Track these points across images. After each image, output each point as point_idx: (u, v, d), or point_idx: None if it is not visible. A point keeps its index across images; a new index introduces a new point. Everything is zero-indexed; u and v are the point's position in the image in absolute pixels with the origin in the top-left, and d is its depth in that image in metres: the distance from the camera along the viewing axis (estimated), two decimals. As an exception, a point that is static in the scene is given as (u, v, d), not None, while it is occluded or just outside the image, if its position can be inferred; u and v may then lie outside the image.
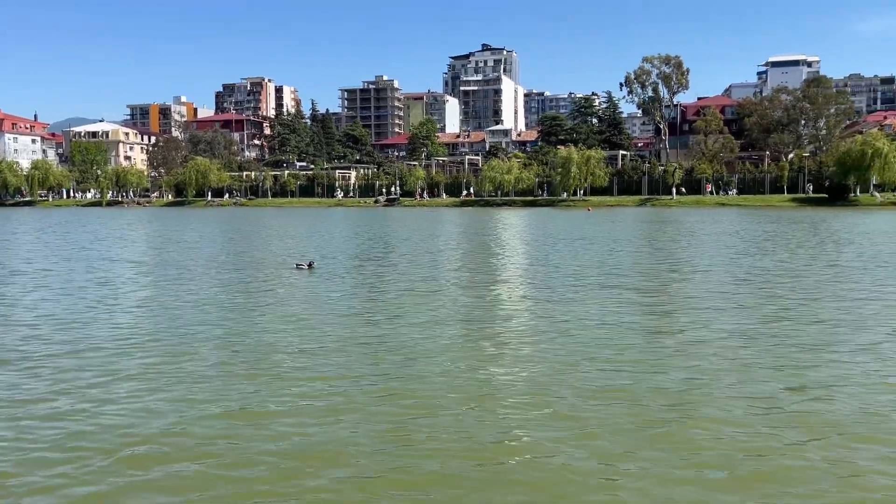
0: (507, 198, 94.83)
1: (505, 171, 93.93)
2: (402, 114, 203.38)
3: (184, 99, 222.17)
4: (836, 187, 79.74)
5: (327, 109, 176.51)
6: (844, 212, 65.44)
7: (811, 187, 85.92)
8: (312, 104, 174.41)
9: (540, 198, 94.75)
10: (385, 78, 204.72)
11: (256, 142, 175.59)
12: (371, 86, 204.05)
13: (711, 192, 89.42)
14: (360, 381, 9.74)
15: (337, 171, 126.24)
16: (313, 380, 9.84)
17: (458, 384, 9.60)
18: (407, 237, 38.94)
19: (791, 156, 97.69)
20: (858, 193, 79.77)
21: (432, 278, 20.78)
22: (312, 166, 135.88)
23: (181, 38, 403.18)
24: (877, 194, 79.24)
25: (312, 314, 14.79)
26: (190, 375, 10.08)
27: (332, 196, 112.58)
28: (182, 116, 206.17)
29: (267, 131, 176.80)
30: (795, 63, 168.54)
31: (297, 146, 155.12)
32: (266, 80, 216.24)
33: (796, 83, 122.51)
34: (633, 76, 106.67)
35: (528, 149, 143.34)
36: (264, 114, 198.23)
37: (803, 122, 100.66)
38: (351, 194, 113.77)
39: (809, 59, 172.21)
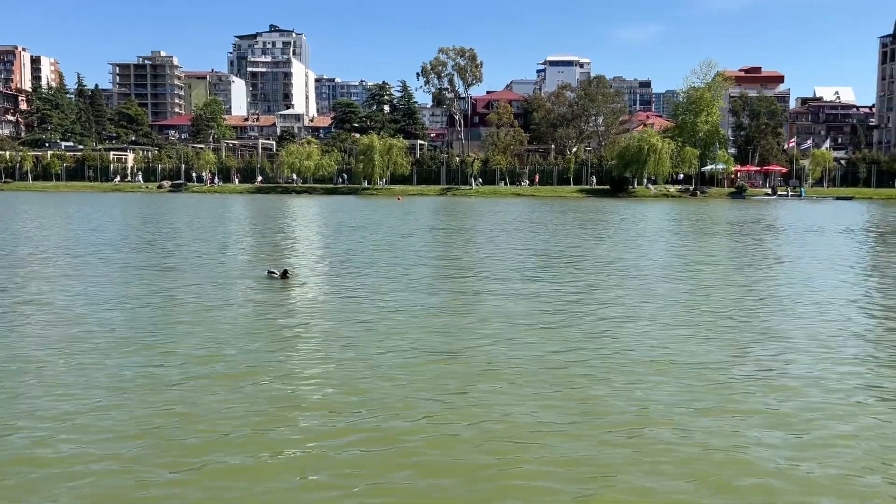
0: (306, 185, 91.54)
1: (305, 157, 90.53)
2: (182, 93, 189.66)
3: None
4: (617, 180, 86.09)
5: (96, 85, 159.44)
6: (626, 202, 70.88)
7: (594, 179, 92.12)
8: (78, 78, 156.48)
9: (341, 185, 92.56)
10: (163, 54, 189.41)
11: (10, 118, 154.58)
12: (147, 61, 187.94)
13: (548, 183, 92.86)
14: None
15: (111, 152, 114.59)
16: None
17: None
18: (200, 227, 35.34)
19: (574, 149, 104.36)
20: (636, 186, 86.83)
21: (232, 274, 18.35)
22: (81, 147, 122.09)
23: None
24: (650, 187, 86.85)
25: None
26: None
27: (107, 180, 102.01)
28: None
29: (23, 106, 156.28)
30: (570, 63, 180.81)
31: (62, 124, 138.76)
32: (19, 49, 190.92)
33: (571, 81, 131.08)
34: (429, 67, 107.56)
35: (322, 135, 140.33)
36: (18, 86, 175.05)
37: (584, 118, 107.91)
38: (129, 178, 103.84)
39: (582, 60, 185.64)
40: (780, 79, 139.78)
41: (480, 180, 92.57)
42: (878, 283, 17.82)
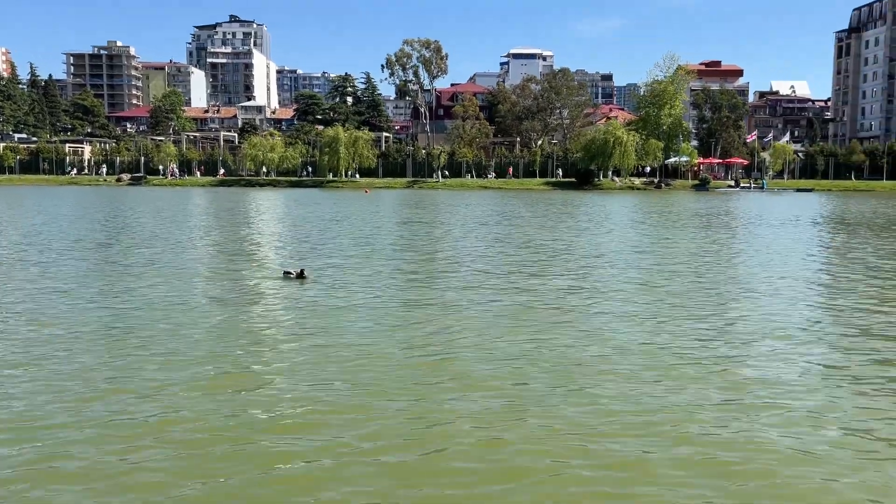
0: (270, 178, 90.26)
1: (268, 150, 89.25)
2: (140, 84, 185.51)
3: None
4: (583, 173, 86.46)
5: (50, 75, 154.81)
6: (593, 194, 71.29)
7: (560, 172, 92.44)
8: (31, 68, 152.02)
9: (306, 178, 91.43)
10: (119, 44, 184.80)
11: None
12: (103, 51, 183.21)
13: (514, 176, 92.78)
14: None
15: (67, 144, 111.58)
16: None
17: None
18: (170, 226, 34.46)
19: (540, 142, 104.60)
20: (602, 178, 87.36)
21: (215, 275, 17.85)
22: (35, 139, 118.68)
23: None
24: (616, 179, 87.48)
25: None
26: None
27: (63, 173, 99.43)
28: None
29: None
30: (533, 56, 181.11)
31: (14, 115, 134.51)
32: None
33: (535, 74, 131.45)
34: (394, 58, 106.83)
35: (285, 127, 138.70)
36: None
37: (549, 110, 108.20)
38: (86, 171, 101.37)
39: (545, 53, 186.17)
40: (739, 73, 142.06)
41: (447, 173, 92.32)
42: (855, 270, 18.01)
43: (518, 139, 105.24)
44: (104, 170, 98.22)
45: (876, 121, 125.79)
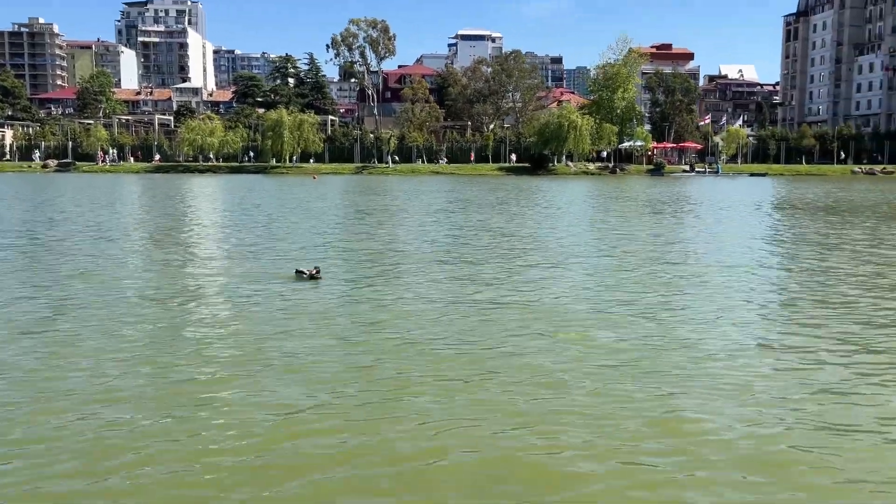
0: (210, 164, 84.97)
1: (207, 134, 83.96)
2: (65, 64, 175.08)
3: None
4: (537, 158, 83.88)
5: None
6: (548, 180, 68.90)
7: (514, 157, 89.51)
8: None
9: (248, 164, 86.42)
10: (42, 21, 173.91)
11: None
12: (23, 29, 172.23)
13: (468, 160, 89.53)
14: None
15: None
16: None
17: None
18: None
19: (492, 126, 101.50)
20: (556, 163, 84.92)
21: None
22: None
23: None
24: (570, 164, 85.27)
25: None
26: None
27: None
28: None
29: None
30: (482, 38, 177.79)
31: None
32: None
33: (484, 56, 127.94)
34: (339, 38, 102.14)
35: (223, 110, 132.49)
36: None
37: (501, 94, 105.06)
38: (8, 157, 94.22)
39: (493, 34, 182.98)
40: (689, 56, 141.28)
41: (397, 158, 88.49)
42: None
43: (469, 123, 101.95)
44: (37, 155, 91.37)
45: (823, 105, 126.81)
